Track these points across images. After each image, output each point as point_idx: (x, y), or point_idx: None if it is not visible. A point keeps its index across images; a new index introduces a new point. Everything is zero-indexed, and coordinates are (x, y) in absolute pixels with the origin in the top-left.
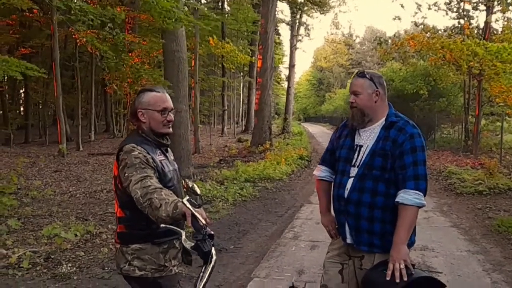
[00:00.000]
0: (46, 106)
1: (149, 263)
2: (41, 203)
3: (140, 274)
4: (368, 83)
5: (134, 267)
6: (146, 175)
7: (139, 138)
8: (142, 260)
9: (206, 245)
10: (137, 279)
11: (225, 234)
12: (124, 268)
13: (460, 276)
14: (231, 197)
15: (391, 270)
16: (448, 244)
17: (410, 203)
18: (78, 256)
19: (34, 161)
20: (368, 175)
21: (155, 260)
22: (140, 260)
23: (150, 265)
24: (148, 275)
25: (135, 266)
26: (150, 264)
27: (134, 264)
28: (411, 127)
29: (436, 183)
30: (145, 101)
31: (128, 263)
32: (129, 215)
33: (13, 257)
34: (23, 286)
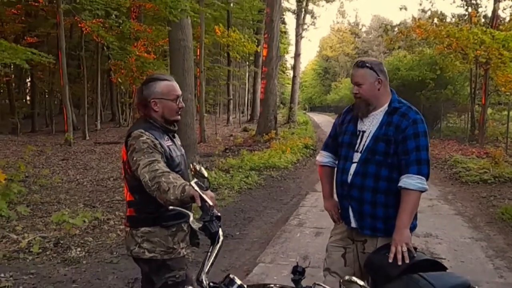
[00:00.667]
0: (52, 95)
1: (158, 245)
2: (49, 190)
3: (149, 256)
4: (370, 73)
5: (144, 249)
6: (154, 159)
7: (146, 124)
8: (151, 242)
9: (214, 226)
10: (147, 261)
11: (230, 221)
12: (134, 251)
13: (463, 262)
14: (236, 185)
15: (394, 253)
16: (452, 231)
17: (413, 187)
18: (86, 241)
19: (41, 150)
20: (371, 160)
21: (164, 243)
22: (150, 242)
23: (159, 247)
24: (158, 257)
25: (144, 249)
26: (159, 247)
27: (144, 247)
28: (414, 113)
29: (441, 172)
30: (158, 91)
31: (138, 246)
32: (138, 199)
33: (23, 242)
34: (34, 269)
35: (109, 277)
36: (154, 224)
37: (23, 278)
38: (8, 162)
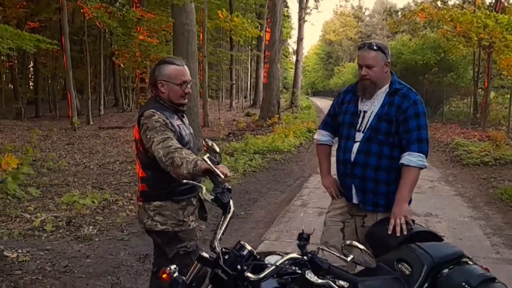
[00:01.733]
0: (55, 80)
1: (169, 218)
2: (57, 173)
3: (161, 229)
4: (381, 56)
5: (156, 222)
6: (167, 136)
7: (157, 104)
8: (163, 215)
9: (225, 197)
10: (159, 233)
11: (235, 201)
12: (147, 223)
13: (461, 240)
14: (241, 167)
15: (393, 225)
16: (452, 211)
17: (414, 164)
18: (97, 220)
19: (46, 134)
20: (374, 139)
21: (175, 216)
22: (161, 215)
23: (171, 220)
24: (169, 229)
25: (157, 221)
26: (171, 219)
27: (156, 220)
28: (414, 94)
29: (443, 154)
30: (166, 73)
31: (151, 219)
32: (150, 175)
33: (37, 221)
34: (49, 246)
35: (121, 253)
36: (166, 199)
37: (39, 253)
38: (15, 146)
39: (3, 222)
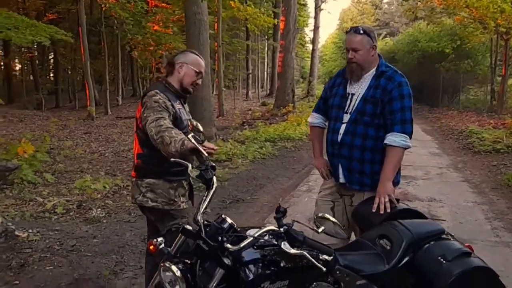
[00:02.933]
0: (74, 71)
1: (160, 196)
2: (72, 160)
3: (152, 205)
4: (366, 39)
5: (147, 199)
6: (161, 116)
7: (162, 86)
8: (154, 193)
9: (208, 174)
10: (150, 209)
11: (242, 187)
12: (138, 199)
13: (461, 223)
14: (250, 154)
15: (377, 203)
16: (456, 196)
17: (397, 144)
18: (107, 204)
19: (65, 124)
20: (359, 121)
21: (166, 194)
22: (153, 193)
23: (162, 198)
24: (159, 206)
25: (148, 198)
26: (162, 197)
27: (147, 196)
28: (400, 76)
29: (455, 142)
30: (189, 58)
31: (142, 195)
32: (147, 152)
33: (49, 204)
34: (58, 227)
35: (126, 234)
36: (159, 177)
37: (49, 233)
38: (34, 135)
39: (17, 205)
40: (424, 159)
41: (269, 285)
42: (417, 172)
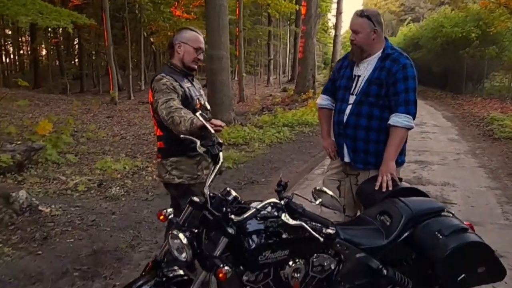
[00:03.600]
0: (98, 56)
1: (185, 172)
2: (95, 143)
3: (178, 182)
4: (367, 23)
5: (173, 176)
6: (170, 97)
7: (168, 69)
8: (179, 170)
9: (214, 150)
10: (176, 186)
11: (258, 169)
12: (165, 177)
13: (473, 207)
14: (267, 139)
15: (380, 182)
16: (470, 181)
17: (400, 125)
18: (126, 183)
19: (88, 108)
20: (364, 102)
21: (190, 170)
22: (178, 170)
23: (186, 174)
24: (185, 182)
25: (174, 175)
26: (186, 173)
27: (173, 174)
28: (405, 58)
29: (476, 129)
30: (186, 36)
31: (168, 173)
32: (166, 134)
33: (71, 183)
34: (79, 203)
35: (143, 211)
36: (181, 155)
37: (70, 209)
38: (59, 118)
39: (41, 183)
40: (442, 145)
41: (270, 254)
42: (433, 157)
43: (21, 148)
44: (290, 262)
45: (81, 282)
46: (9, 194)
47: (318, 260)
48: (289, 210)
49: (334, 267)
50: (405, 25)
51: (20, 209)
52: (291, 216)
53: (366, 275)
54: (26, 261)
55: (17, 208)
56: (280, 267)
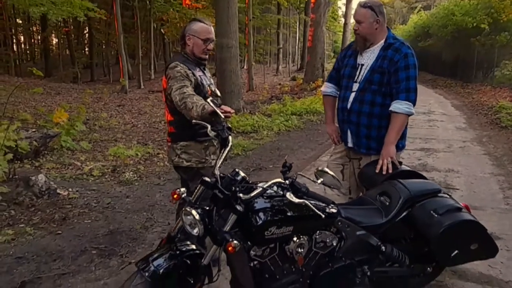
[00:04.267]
0: (109, 45)
1: (193, 156)
2: (107, 130)
3: (187, 165)
4: (370, 13)
5: (182, 159)
6: (184, 84)
7: (182, 57)
8: (188, 154)
9: (224, 133)
10: (185, 169)
11: (266, 156)
12: (175, 160)
13: (475, 192)
14: (276, 127)
15: (380, 164)
16: (475, 168)
17: (400, 111)
18: (138, 169)
19: (99, 97)
20: (367, 89)
21: (199, 154)
22: (187, 154)
23: (195, 158)
24: (193, 165)
25: (183, 159)
26: (195, 157)
27: (182, 157)
28: (406, 48)
29: (484, 117)
30: (194, 28)
31: (178, 156)
32: (177, 119)
33: (86, 168)
34: (95, 187)
35: (156, 195)
36: (190, 139)
37: (87, 192)
38: (71, 107)
39: (58, 169)
40: (449, 133)
41: (276, 230)
42: (440, 145)
43: (37, 135)
44: (294, 238)
45: (98, 260)
46: (28, 178)
47: (320, 237)
48: (293, 189)
49: (336, 244)
50: (416, 13)
51: (40, 192)
52: (295, 195)
53: (365, 251)
54: (47, 240)
55: (37, 191)
56: (285, 243)
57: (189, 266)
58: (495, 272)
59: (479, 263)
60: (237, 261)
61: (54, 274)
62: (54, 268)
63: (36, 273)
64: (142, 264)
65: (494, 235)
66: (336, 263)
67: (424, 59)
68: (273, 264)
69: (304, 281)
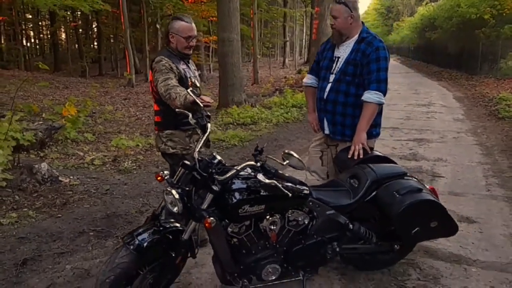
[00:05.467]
0: (116, 40)
1: (178, 143)
2: (111, 123)
3: (172, 152)
4: (344, 9)
5: (168, 146)
6: (168, 77)
7: (167, 52)
8: (173, 141)
9: (203, 120)
10: (171, 155)
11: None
12: (161, 147)
13: (459, 180)
14: (275, 119)
15: (352, 150)
16: (463, 157)
17: (371, 100)
18: (138, 159)
19: (106, 91)
20: (342, 80)
21: (183, 141)
22: (172, 141)
23: (179, 145)
24: (178, 152)
25: (168, 146)
26: (179, 144)
27: (168, 144)
28: (378, 41)
29: (483, 109)
30: (176, 27)
31: (164, 144)
32: (163, 109)
33: (88, 158)
34: (95, 175)
35: (152, 182)
36: (175, 128)
37: (87, 180)
38: (78, 100)
39: (61, 158)
40: (446, 124)
41: (249, 208)
42: (434, 135)
43: (42, 127)
44: (267, 216)
45: (95, 240)
46: (32, 166)
47: (293, 216)
48: (264, 171)
49: (308, 222)
50: (424, 4)
51: (42, 179)
52: (266, 176)
53: (335, 229)
54: (48, 223)
55: (40, 178)
56: (260, 221)
57: (171, 240)
58: (465, 252)
59: (451, 244)
60: (215, 237)
61: (53, 253)
62: (54, 247)
63: (37, 252)
64: (127, 238)
65: (471, 219)
66: (308, 240)
67: (430, 51)
68: (249, 241)
69: (278, 256)
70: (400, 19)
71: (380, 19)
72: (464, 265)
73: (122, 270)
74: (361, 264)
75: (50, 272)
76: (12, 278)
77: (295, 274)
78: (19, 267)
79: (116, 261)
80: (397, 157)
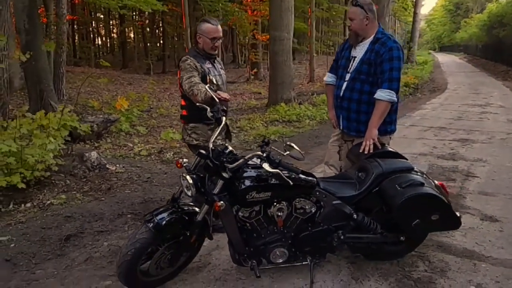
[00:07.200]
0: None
1: (201, 136)
2: (165, 118)
3: (196, 143)
4: (360, 11)
5: (192, 138)
6: (192, 75)
7: (193, 52)
8: (197, 133)
9: (218, 114)
10: (195, 146)
11: (302, 143)
12: (186, 139)
13: (493, 180)
14: (319, 116)
15: (363, 145)
16: (504, 158)
17: (383, 98)
18: (182, 150)
19: (167, 87)
20: (357, 79)
21: (205, 134)
22: (196, 134)
23: (202, 137)
24: (201, 143)
25: (192, 138)
26: (202, 137)
27: (192, 137)
28: (392, 42)
29: None
30: (203, 28)
31: (189, 136)
32: (188, 103)
33: (136, 149)
34: (139, 164)
35: None
36: (199, 121)
37: (131, 168)
38: (139, 96)
39: (113, 149)
40: (498, 125)
41: (256, 194)
42: (481, 136)
43: (99, 119)
44: (274, 202)
45: (132, 222)
46: (83, 154)
47: (300, 204)
48: (269, 160)
49: (315, 211)
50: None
51: (92, 166)
52: (271, 166)
53: (341, 218)
54: (92, 205)
55: (89, 166)
56: (268, 207)
57: (187, 221)
58: (479, 248)
59: (467, 240)
60: (225, 219)
61: (94, 231)
62: (95, 226)
63: (80, 229)
64: (148, 217)
65: (494, 217)
66: (314, 227)
67: (497, 49)
68: (259, 225)
69: (286, 241)
70: (469, 16)
71: (448, 16)
72: (474, 261)
73: (141, 245)
74: (368, 254)
75: (89, 248)
76: (56, 251)
77: (302, 259)
78: (63, 242)
79: (137, 236)
80: (434, 157)
